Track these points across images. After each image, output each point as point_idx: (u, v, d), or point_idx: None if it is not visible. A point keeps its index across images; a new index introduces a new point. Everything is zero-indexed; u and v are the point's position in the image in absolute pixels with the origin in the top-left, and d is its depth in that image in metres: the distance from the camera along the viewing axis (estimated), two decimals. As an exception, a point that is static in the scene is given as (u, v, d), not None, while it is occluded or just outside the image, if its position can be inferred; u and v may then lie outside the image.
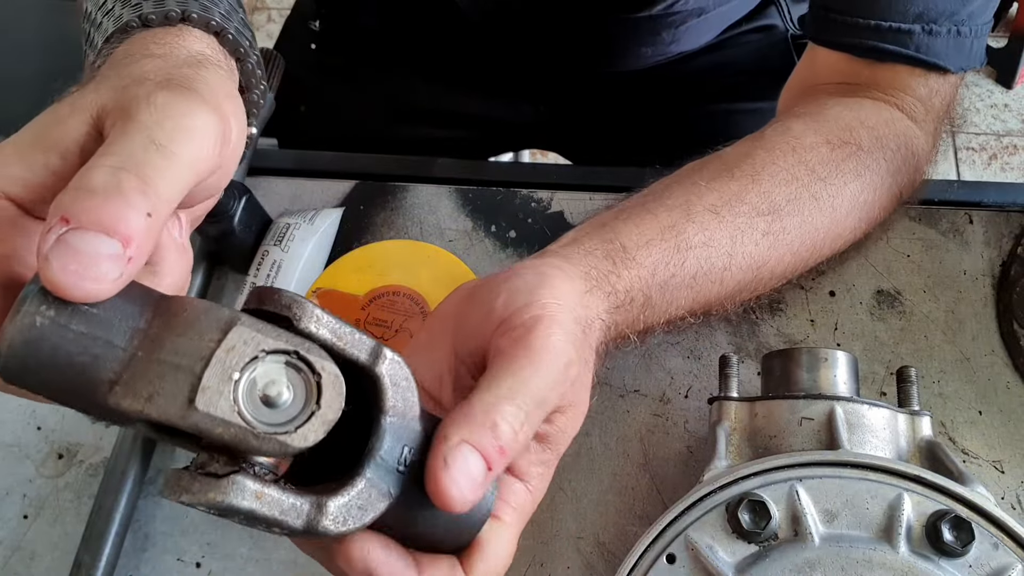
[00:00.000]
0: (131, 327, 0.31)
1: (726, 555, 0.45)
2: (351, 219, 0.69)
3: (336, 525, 0.33)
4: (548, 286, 0.43)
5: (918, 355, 0.61)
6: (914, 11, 0.58)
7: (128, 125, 0.33)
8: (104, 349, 0.30)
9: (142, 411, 0.30)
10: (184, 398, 0.30)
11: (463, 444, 0.35)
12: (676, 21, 0.83)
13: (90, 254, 0.30)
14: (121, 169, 0.31)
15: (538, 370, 0.39)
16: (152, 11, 0.42)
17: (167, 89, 0.35)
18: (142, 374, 0.30)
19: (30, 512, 0.60)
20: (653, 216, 0.52)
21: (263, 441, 0.30)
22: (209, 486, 0.31)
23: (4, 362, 0.30)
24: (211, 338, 0.30)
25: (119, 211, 0.30)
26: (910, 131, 0.61)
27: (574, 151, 1.02)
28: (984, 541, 0.44)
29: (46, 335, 0.29)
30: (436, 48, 0.94)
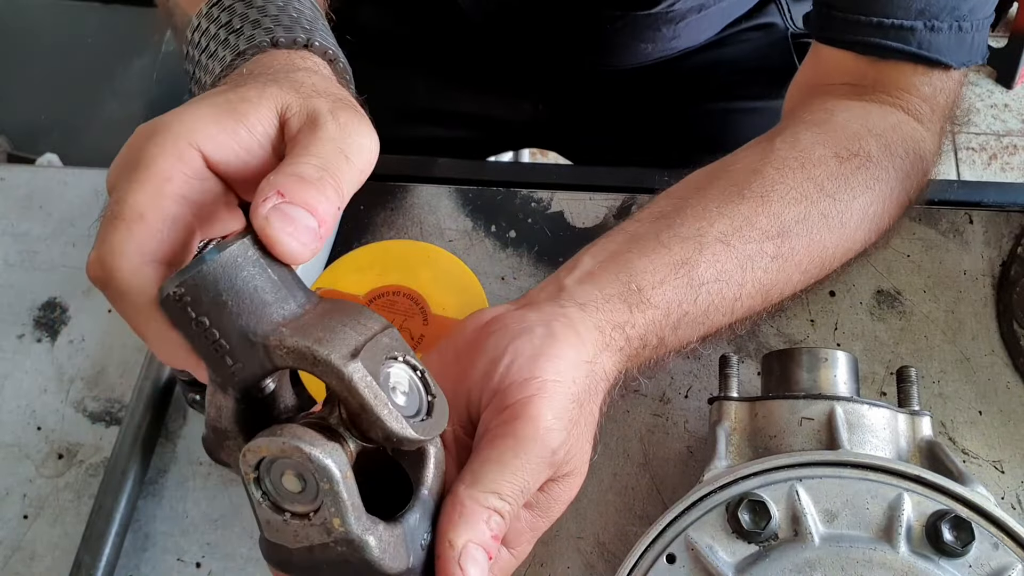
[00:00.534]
0: (306, 298, 0.36)
1: (726, 555, 0.45)
2: (351, 219, 0.69)
3: (379, 549, 0.35)
4: (552, 356, 0.44)
5: (918, 355, 0.61)
6: (916, 7, 0.58)
7: (320, 132, 0.39)
8: (284, 298, 0.35)
9: (309, 347, 0.33)
10: (349, 351, 0.34)
11: (469, 545, 0.38)
12: (676, 17, 0.82)
13: (299, 222, 0.36)
14: (324, 169, 0.38)
15: (524, 462, 0.41)
16: (283, 36, 0.48)
17: (345, 109, 0.42)
18: (312, 326, 0.35)
19: (30, 512, 0.60)
20: (666, 249, 0.51)
21: (391, 415, 0.34)
22: (319, 440, 0.33)
23: (200, 270, 0.34)
24: (372, 328, 0.36)
25: (321, 198, 0.37)
26: (917, 134, 0.61)
27: (574, 151, 1.02)
28: (984, 541, 0.44)
29: (249, 265, 0.35)
30: (436, 48, 0.94)
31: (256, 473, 0.34)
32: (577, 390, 0.44)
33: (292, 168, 0.37)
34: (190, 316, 0.34)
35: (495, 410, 0.43)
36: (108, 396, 0.64)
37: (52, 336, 0.67)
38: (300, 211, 0.36)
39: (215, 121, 0.39)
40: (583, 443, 0.45)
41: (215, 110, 0.39)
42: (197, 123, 0.39)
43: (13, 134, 1.25)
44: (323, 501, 0.33)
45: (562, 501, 0.45)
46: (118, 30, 1.35)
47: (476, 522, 0.39)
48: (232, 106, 0.40)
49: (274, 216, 0.35)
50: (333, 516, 0.33)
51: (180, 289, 0.34)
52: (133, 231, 0.37)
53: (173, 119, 0.39)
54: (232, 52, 0.48)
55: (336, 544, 0.34)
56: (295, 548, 0.35)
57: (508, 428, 0.41)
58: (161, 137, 0.38)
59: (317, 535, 0.34)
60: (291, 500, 0.34)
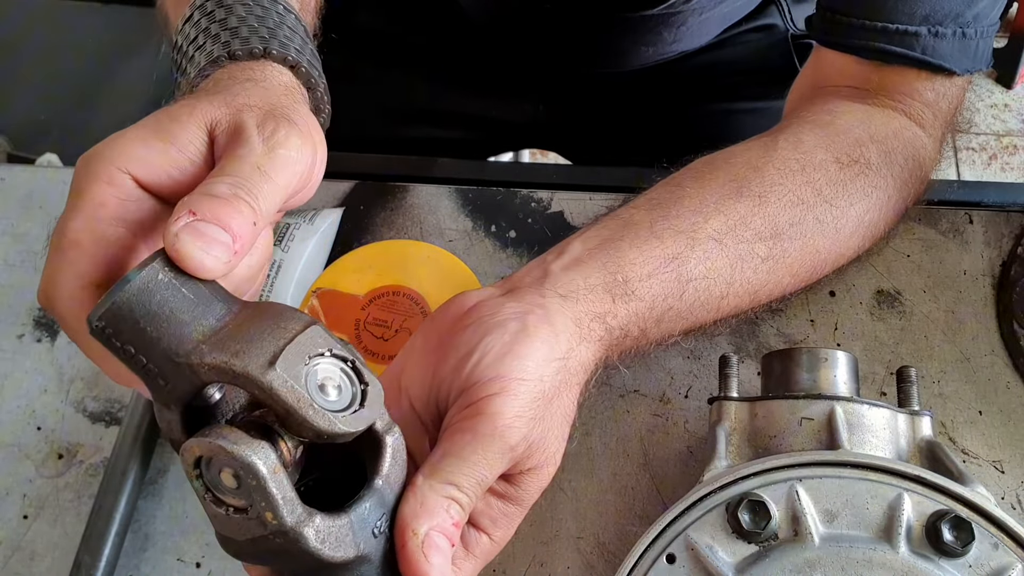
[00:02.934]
0: (225, 309, 0.37)
1: (726, 555, 0.45)
2: (351, 219, 0.69)
3: (316, 539, 0.36)
4: (520, 355, 0.44)
5: (918, 355, 0.61)
6: (920, 13, 0.58)
7: (241, 148, 0.40)
8: (202, 314, 0.36)
9: (227, 362, 0.34)
10: (266, 360, 0.35)
11: (431, 532, 0.40)
12: (677, 20, 0.82)
13: (211, 237, 0.37)
14: (237, 186, 0.39)
15: (482, 456, 0.42)
16: (240, 48, 0.48)
17: (272, 119, 0.42)
18: (231, 338, 0.35)
19: (30, 512, 0.60)
20: (659, 241, 0.52)
21: (317, 414, 0.35)
22: (243, 439, 0.35)
23: (114, 302, 0.35)
24: (293, 328, 0.36)
25: (234, 214, 0.38)
26: (918, 140, 0.61)
27: (574, 151, 1.02)
28: (984, 541, 0.44)
29: (161, 288, 0.35)
30: (437, 48, 0.94)
31: (197, 471, 0.36)
32: (545, 387, 0.45)
33: (205, 188, 0.39)
34: (115, 345, 0.36)
35: (460, 406, 0.44)
36: (108, 396, 0.64)
37: (52, 336, 0.67)
38: (211, 226, 0.37)
39: (143, 144, 0.41)
40: (553, 437, 0.46)
41: (144, 132, 0.41)
42: (126, 147, 0.41)
43: (13, 134, 1.25)
44: (254, 497, 0.35)
45: (533, 490, 0.46)
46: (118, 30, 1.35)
47: (436, 511, 0.40)
48: (161, 127, 0.42)
49: (184, 233, 0.36)
50: (265, 510, 0.35)
51: (101, 322, 0.35)
52: (69, 257, 0.39)
53: (105, 146, 0.41)
54: (195, 68, 0.49)
55: (273, 536, 0.35)
56: (242, 540, 0.36)
57: (468, 424, 0.43)
58: (93, 164, 0.41)
59: (256, 528, 0.35)
60: (230, 495, 0.36)
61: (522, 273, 0.51)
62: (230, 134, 0.42)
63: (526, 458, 0.44)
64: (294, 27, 0.52)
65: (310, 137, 0.44)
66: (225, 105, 0.43)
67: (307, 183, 0.44)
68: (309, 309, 0.60)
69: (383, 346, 0.59)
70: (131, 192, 0.41)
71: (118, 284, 0.35)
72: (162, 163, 0.41)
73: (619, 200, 0.69)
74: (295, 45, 0.51)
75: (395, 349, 0.58)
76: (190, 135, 0.42)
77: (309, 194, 0.46)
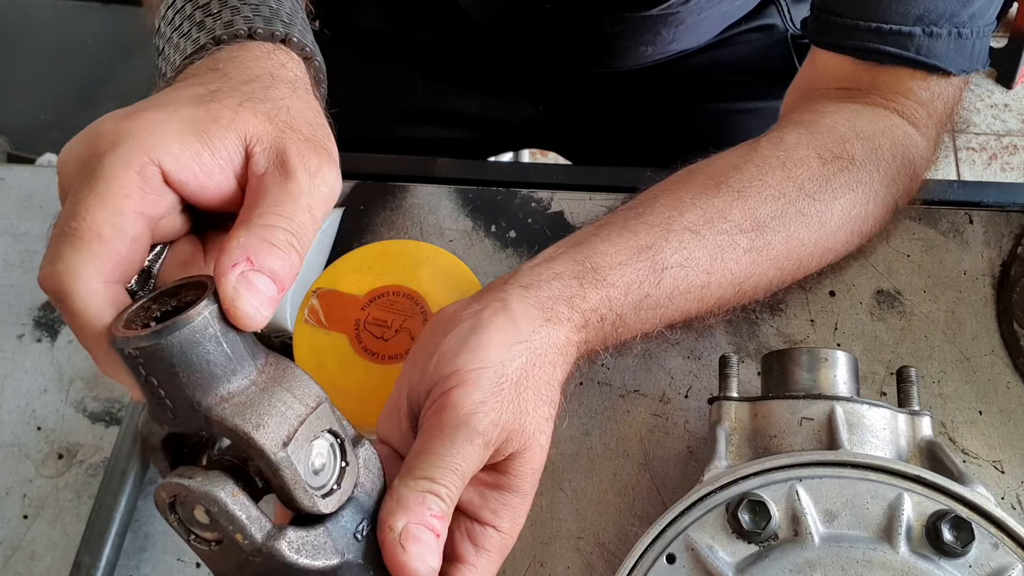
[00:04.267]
0: (253, 369, 0.37)
1: (726, 555, 0.45)
2: (351, 219, 0.69)
3: (291, 550, 0.37)
4: (473, 347, 0.45)
5: (918, 355, 0.61)
6: (915, 13, 0.58)
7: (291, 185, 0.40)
8: (233, 372, 0.36)
9: (247, 432, 0.35)
10: (281, 440, 0.36)
11: (409, 525, 0.40)
12: (676, 20, 0.82)
13: (264, 293, 0.37)
14: (293, 233, 0.38)
15: (451, 449, 0.42)
16: (261, 27, 0.47)
17: (314, 153, 0.41)
18: (253, 405, 0.36)
19: (30, 512, 0.60)
20: (631, 234, 0.52)
21: (306, 495, 0.37)
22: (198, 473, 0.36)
23: (159, 344, 0.35)
24: (308, 404, 0.38)
25: (287, 267, 0.38)
26: (908, 139, 0.61)
27: (574, 151, 1.02)
28: (984, 541, 0.44)
29: (206, 340, 0.35)
30: (436, 48, 0.94)
31: (175, 515, 0.37)
32: (508, 371, 0.45)
33: (263, 231, 0.38)
34: (140, 372, 0.36)
35: (427, 407, 0.45)
36: (108, 396, 0.64)
37: (52, 336, 0.67)
38: (265, 280, 0.37)
39: (179, 139, 0.39)
40: (531, 419, 0.46)
41: (181, 127, 0.39)
42: (161, 138, 0.39)
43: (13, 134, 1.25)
44: (221, 523, 0.36)
45: (526, 474, 0.46)
46: (118, 30, 1.35)
47: (412, 505, 0.40)
48: (200, 126, 0.40)
49: (242, 287, 0.36)
50: (234, 533, 0.36)
51: (135, 351, 0.35)
52: (92, 251, 0.37)
53: (138, 129, 0.39)
54: (207, 35, 0.47)
55: (252, 556, 0.36)
56: (231, 570, 0.38)
57: (433, 420, 0.43)
58: (123, 149, 0.38)
59: (236, 553, 0.36)
60: (207, 530, 0.37)
61: (497, 279, 0.52)
62: (274, 160, 0.41)
63: (506, 442, 0.45)
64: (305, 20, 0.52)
65: (338, 167, 0.43)
66: (268, 120, 0.42)
67: None
68: (309, 309, 0.60)
69: (383, 346, 0.59)
70: (157, 186, 0.39)
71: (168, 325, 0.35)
72: (193, 165, 0.39)
73: (619, 200, 0.69)
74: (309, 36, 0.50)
75: (395, 349, 0.58)
76: (227, 142, 0.40)
77: None
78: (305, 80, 0.49)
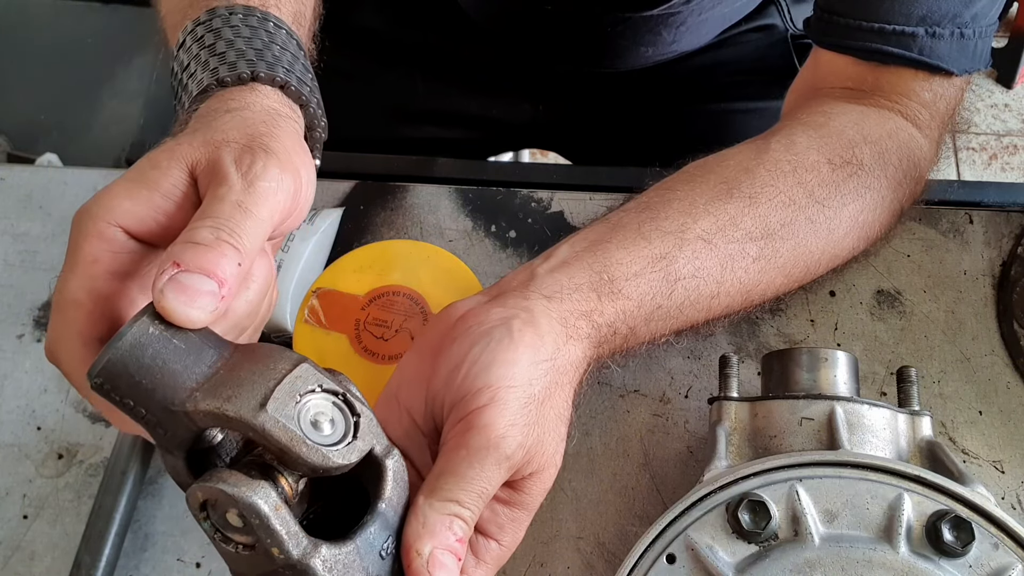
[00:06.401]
0: (216, 355, 0.38)
1: (726, 555, 0.45)
2: (351, 219, 0.69)
3: (323, 569, 0.37)
4: (506, 362, 0.44)
5: (918, 355, 0.61)
6: (917, 13, 0.58)
7: (220, 187, 0.41)
8: (194, 363, 0.37)
9: (219, 408, 0.36)
10: (257, 402, 0.36)
11: (435, 551, 0.40)
12: (676, 20, 0.82)
13: (195, 289, 0.37)
14: (219, 228, 0.39)
15: (479, 471, 0.42)
16: (227, 74, 0.49)
17: (250, 152, 0.43)
18: (223, 383, 0.37)
19: (30, 512, 0.60)
20: (646, 242, 0.52)
21: (311, 450, 0.36)
22: (243, 481, 0.36)
23: (109, 359, 0.36)
24: (283, 368, 0.37)
25: (218, 260, 0.38)
26: (913, 141, 0.61)
27: (574, 151, 1.02)
28: (984, 541, 0.44)
29: (152, 342, 0.37)
30: (436, 48, 0.93)
31: (204, 514, 0.37)
32: (535, 391, 0.45)
33: (188, 235, 0.39)
34: (115, 398, 0.37)
35: (453, 421, 0.44)
36: (108, 396, 0.64)
37: (52, 336, 0.67)
38: (196, 277, 0.38)
39: (128, 195, 0.42)
40: (550, 439, 0.46)
41: (128, 184, 0.42)
42: (112, 201, 0.42)
43: (13, 134, 1.25)
44: (259, 535, 0.36)
45: (537, 493, 0.46)
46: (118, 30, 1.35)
47: (439, 530, 0.40)
48: (143, 176, 0.42)
49: (168, 288, 0.37)
50: (271, 546, 0.36)
51: (99, 378, 0.36)
52: (69, 316, 0.40)
53: (92, 203, 0.42)
54: (188, 97, 0.50)
55: (283, 570, 0.36)
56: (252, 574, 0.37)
57: (463, 439, 0.43)
58: (83, 223, 0.41)
59: (266, 563, 0.36)
60: (238, 534, 0.37)
61: (509, 277, 0.51)
62: (209, 173, 0.42)
63: (526, 464, 0.44)
64: (285, 43, 0.52)
65: (291, 164, 0.44)
66: (204, 144, 0.43)
67: (293, 211, 0.45)
68: (309, 309, 0.60)
69: (383, 346, 0.59)
70: (123, 244, 0.42)
71: (111, 341, 0.36)
72: (149, 211, 0.42)
73: (619, 200, 0.69)
74: (284, 63, 0.51)
75: (395, 349, 0.58)
76: (172, 179, 0.42)
77: (298, 220, 0.47)
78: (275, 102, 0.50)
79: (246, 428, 0.36)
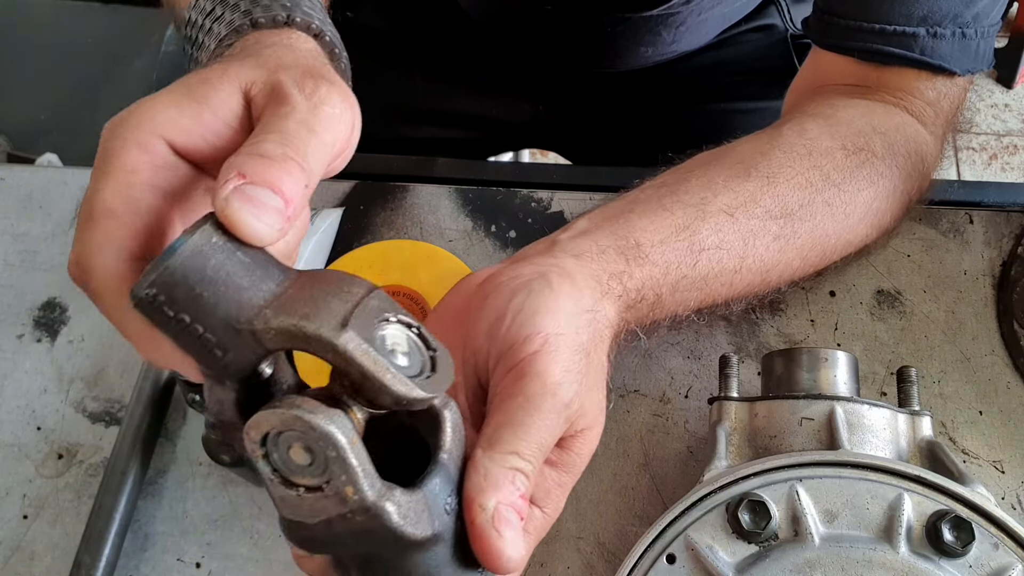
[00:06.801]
0: (283, 275, 0.35)
1: (726, 555, 0.45)
2: (351, 219, 0.69)
3: (398, 515, 0.33)
4: (552, 310, 0.43)
5: (918, 355, 0.61)
6: (918, 14, 0.58)
7: (283, 107, 0.38)
8: (260, 279, 0.34)
9: (296, 325, 0.32)
10: (337, 322, 0.32)
11: (500, 506, 0.37)
12: (676, 20, 0.82)
13: (263, 202, 0.34)
14: (286, 144, 0.36)
15: (538, 420, 0.40)
16: (262, 15, 0.46)
17: (312, 79, 0.40)
18: (295, 302, 0.33)
19: (30, 512, 0.60)
20: (668, 213, 0.51)
21: (396, 379, 0.33)
22: (320, 408, 0.32)
23: (167, 267, 0.32)
24: (358, 293, 0.34)
25: (284, 176, 0.35)
26: (920, 136, 0.61)
27: (574, 151, 1.02)
28: (984, 541, 0.44)
29: (216, 252, 0.33)
30: (436, 48, 0.93)
31: (264, 449, 0.33)
32: (582, 340, 0.43)
33: (253, 147, 0.36)
34: (168, 315, 0.33)
35: (503, 371, 0.42)
36: (108, 396, 0.64)
37: (52, 336, 0.67)
38: (263, 191, 0.35)
39: (176, 107, 0.38)
40: (595, 394, 0.44)
41: (175, 96, 0.39)
42: (157, 111, 0.38)
43: (13, 134, 1.25)
44: (332, 470, 0.32)
45: (584, 456, 0.44)
46: (118, 30, 1.35)
47: (502, 484, 0.38)
48: (192, 90, 0.39)
49: (235, 198, 0.34)
50: (345, 485, 0.32)
51: (151, 290, 0.33)
52: (104, 227, 0.36)
53: (134, 110, 0.38)
54: (215, 40, 0.47)
55: (353, 514, 0.33)
56: (313, 523, 0.34)
57: (517, 387, 0.41)
58: (122, 129, 0.38)
59: (333, 507, 0.33)
60: (302, 473, 0.33)
61: (528, 248, 0.50)
62: (269, 94, 0.39)
63: (579, 417, 0.43)
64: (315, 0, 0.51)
65: (349, 95, 0.42)
66: (259, 67, 0.41)
67: (347, 146, 0.42)
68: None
69: (383, 346, 0.59)
70: (165, 158, 0.38)
71: (168, 249, 0.33)
72: (196, 127, 0.38)
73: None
74: (317, 14, 0.49)
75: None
76: (224, 96, 0.39)
77: (346, 161, 0.44)
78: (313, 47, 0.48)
79: (326, 349, 0.32)
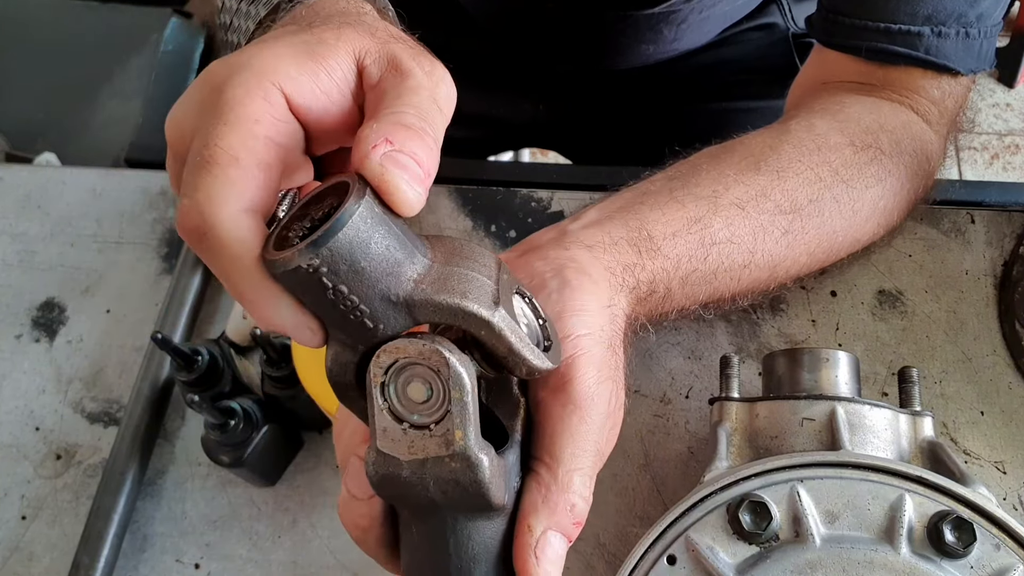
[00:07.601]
0: (424, 246, 0.35)
1: (727, 556, 0.45)
2: (350, 219, 0.69)
3: (490, 471, 0.34)
4: (576, 311, 0.42)
5: (920, 355, 0.61)
6: (923, 13, 0.58)
7: (410, 80, 0.37)
8: (412, 253, 0.34)
9: (458, 303, 0.33)
10: (490, 300, 0.34)
11: (548, 532, 0.37)
12: (677, 18, 0.82)
13: (412, 171, 0.34)
14: (423, 118, 0.36)
15: (591, 427, 0.40)
16: None
17: (425, 56, 0.40)
18: (447, 278, 0.34)
19: (28, 513, 0.60)
20: (680, 205, 0.51)
21: (534, 354, 0.35)
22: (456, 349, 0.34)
23: (337, 238, 0.32)
24: (492, 266, 0.36)
25: (424, 148, 0.35)
26: (925, 135, 0.61)
27: (574, 150, 1.02)
28: (985, 542, 0.44)
29: (377, 224, 0.33)
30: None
31: (384, 378, 0.34)
32: (607, 336, 0.43)
33: (394, 116, 0.35)
34: (325, 286, 0.32)
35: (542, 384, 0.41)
36: (106, 396, 0.64)
37: (50, 336, 0.67)
38: (408, 159, 0.34)
39: (295, 62, 0.37)
40: (619, 389, 0.44)
41: (294, 50, 0.37)
42: (279, 63, 0.36)
43: (11, 133, 1.24)
44: (449, 411, 0.33)
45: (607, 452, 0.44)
46: (118, 30, 1.35)
47: (557, 507, 0.38)
48: (310, 48, 0.38)
49: (390, 163, 0.33)
50: (456, 428, 0.33)
51: (315, 260, 0.32)
52: (230, 176, 0.34)
53: (253, 58, 0.36)
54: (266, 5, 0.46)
55: (451, 459, 0.34)
56: (407, 460, 0.34)
57: (563, 397, 0.40)
58: (244, 76, 0.36)
59: (435, 447, 0.34)
60: (413, 410, 0.34)
61: (536, 236, 0.50)
62: (386, 66, 0.38)
63: None
64: None
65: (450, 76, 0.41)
66: (371, 35, 0.39)
67: None
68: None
69: (382, 346, 0.59)
70: (284, 113, 0.36)
71: (334, 223, 0.32)
72: (312, 86, 0.37)
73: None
74: None
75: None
76: (339, 60, 0.38)
77: None
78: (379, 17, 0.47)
79: (480, 326, 0.33)
